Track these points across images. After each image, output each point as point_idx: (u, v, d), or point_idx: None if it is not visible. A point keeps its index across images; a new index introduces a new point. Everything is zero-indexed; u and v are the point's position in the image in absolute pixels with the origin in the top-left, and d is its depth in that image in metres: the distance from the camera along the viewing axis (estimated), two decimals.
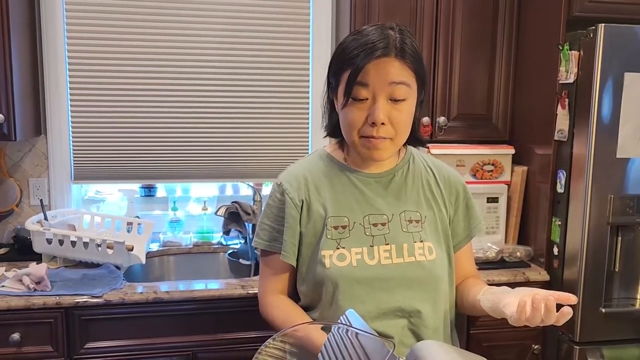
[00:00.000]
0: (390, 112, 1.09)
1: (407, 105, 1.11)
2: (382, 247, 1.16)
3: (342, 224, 1.17)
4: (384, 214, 1.19)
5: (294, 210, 1.19)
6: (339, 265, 1.14)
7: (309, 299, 1.21)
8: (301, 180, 1.21)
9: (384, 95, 1.08)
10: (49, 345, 1.74)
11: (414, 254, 1.16)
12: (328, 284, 1.14)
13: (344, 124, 1.14)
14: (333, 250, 1.15)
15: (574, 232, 1.96)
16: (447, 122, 2.24)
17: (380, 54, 1.07)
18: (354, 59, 1.07)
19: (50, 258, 2.01)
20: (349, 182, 1.21)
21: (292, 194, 1.20)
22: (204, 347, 1.83)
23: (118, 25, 2.22)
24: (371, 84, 1.08)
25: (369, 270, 1.14)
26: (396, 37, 1.09)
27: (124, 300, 1.75)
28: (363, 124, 1.10)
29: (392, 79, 1.07)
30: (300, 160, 1.29)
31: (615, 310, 1.98)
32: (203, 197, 2.50)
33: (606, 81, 1.84)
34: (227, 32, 2.31)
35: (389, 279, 1.15)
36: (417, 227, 1.19)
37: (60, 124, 2.25)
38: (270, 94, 2.38)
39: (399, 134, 1.12)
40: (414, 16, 2.18)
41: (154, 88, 2.29)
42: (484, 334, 2.06)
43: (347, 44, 1.12)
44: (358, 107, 1.10)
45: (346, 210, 1.18)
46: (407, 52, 1.09)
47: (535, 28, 2.17)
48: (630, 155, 1.90)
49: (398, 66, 1.08)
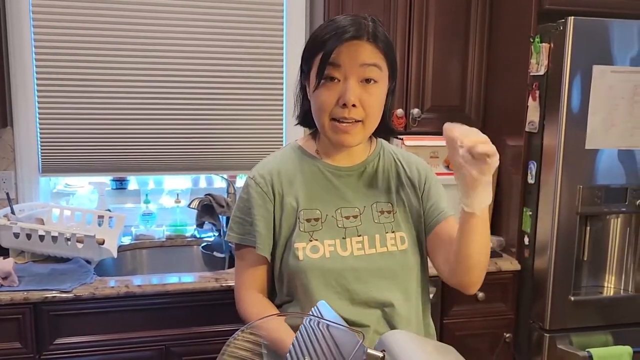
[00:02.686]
0: (361, 94, 1.09)
1: (378, 89, 1.12)
2: (354, 239, 1.17)
3: (314, 217, 1.17)
4: (355, 207, 1.20)
5: (268, 204, 1.19)
6: (312, 257, 1.14)
7: (286, 292, 1.21)
8: (274, 173, 1.21)
9: (355, 77, 1.09)
10: (17, 342, 1.70)
11: (386, 244, 1.18)
12: (302, 276, 1.15)
13: (315, 107, 1.14)
14: (306, 242, 1.15)
15: (544, 222, 2.00)
16: (420, 114, 2.25)
17: (351, 36, 1.08)
18: (326, 42, 1.08)
19: (18, 253, 1.96)
20: (321, 174, 1.21)
21: (265, 188, 1.19)
22: (177, 341, 1.82)
23: (86, 13, 2.17)
24: (343, 64, 1.08)
25: (342, 261, 1.15)
26: (368, 24, 1.11)
27: (94, 294, 1.72)
28: (334, 105, 1.10)
29: (363, 60, 1.08)
30: (272, 154, 1.29)
31: (584, 298, 2.03)
32: (176, 189, 2.47)
33: (576, 73, 1.87)
34: (200, 23, 2.27)
35: (362, 269, 1.15)
36: (389, 217, 1.20)
37: (27, 114, 2.19)
38: (243, 86, 2.35)
39: (369, 117, 1.12)
40: (388, 8, 2.19)
41: (125, 77, 2.24)
42: (456, 323, 2.09)
43: (319, 31, 1.13)
44: (329, 89, 1.10)
45: (318, 202, 1.19)
46: (379, 38, 1.10)
47: (507, 20, 2.19)
48: (599, 146, 1.94)
49: (370, 49, 1.09)
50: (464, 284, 1.16)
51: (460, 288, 1.18)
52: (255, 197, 1.20)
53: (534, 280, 2.06)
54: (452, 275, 1.17)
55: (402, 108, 2.24)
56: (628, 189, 1.98)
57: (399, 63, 2.20)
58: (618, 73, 1.90)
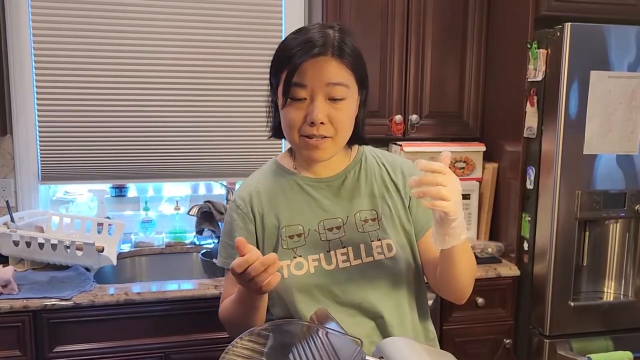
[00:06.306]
0: (329, 111, 1.07)
1: (346, 105, 1.09)
2: (339, 251, 1.15)
3: (297, 233, 1.15)
4: (338, 217, 1.17)
5: (249, 225, 1.18)
6: (297, 274, 1.13)
7: (275, 311, 1.19)
8: (253, 194, 1.20)
9: (321, 95, 1.07)
10: (16, 350, 1.70)
11: (372, 253, 1.15)
12: (288, 293, 1.13)
13: (284, 124, 1.13)
14: (290, 260, 1.14)
15: (543, 228, 2.00)
16: (419, 120, 2.26)
17: (317, 53, 1.05)
18: (291, 58, 1.06)
19: (18, 260, 1.96)
20: (300, 189, 1.19)
21: (245, 209, 1.19)
22: (177, 348, 1.82)
23: (85, 22, 2.18)
24: (309, 84, 1.06)
25: (327, 275, 1.13)
26: (335, 35, 1.08)
27: (94, 302, 1.72)
28: (302, 123, 1.09)
29: (329, 79, 1.06)
30: (253, 174, 1.28)
31: (584, 304, 2.03)
32: (175, 196, 2.47)
33: (573, 79, 1.88)
34: (198, 30, 2.28)
35: (348, 281, 1.13)
36: (374, 225, 1.17)
37: (27, 122, 2.20)
38: (242, 92, 2.36)
39: (339, 133, 1.10)
40: (385, 15, 2.19)
41: (124, 85, 2.25)
42: (456, 329, 2.09)
43: (286, 43, 1.11)
44: (297, 107, 1.08)
45: (300, 218, 1.17)
46: (345, 51, 1.07)
47: (505, 27, 2.20)
48: (597, 151, 1.94)
49: (335, 66, 1.06)
50: (451, 299, 1.18)
51: (449, 299, 1.19)
52: (237, 219, 1.19)
53: (533, 285, 2.06)
54: (439, 290, 1.18)
55: (400, 114, 2.25)
56: (627, 194, 1.98)
57: (397, 69, 2.24)
58: (615, 78, 1.91)
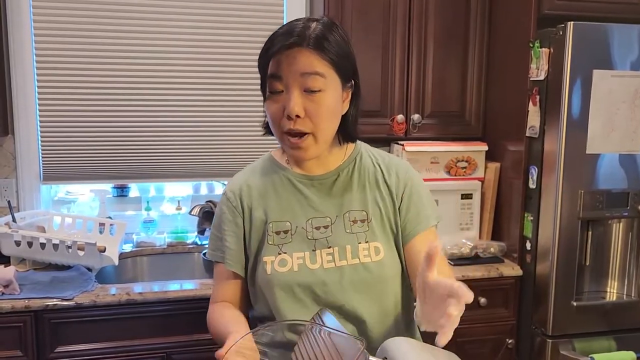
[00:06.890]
0: (306, 104, 1.05)
1: (324, 97, 1.05)
2: (324, 251, 1.12)
3: (284, 229, 1.14)
4: (327, 216, 1.15)
5: (238, 218, 1.17)
6: (280, 270, 1.11)
7: (261, 306, 1.17)
8: (243, 187, 1.19)
9: (297, 87, 1.05)
10: (18, 350, 1.70)
11: (358, 255, 1.12)
12: (270, 290, 1.11)
13: (269, 120, 1.13)
14: (274, 256, 1.12)
15: (545, 227, 2.00)
16: (421, 120, 2.25)
17: (291, 42, 1.04)
18: (269, 50, 1.07)
19: (19, 261, 1.96)
20: (292, 185, 1.18)
21: (234, 202, 1.18)
22: (179, 348, 1.81)
23: (87, 22, 2.17)
24: (283, 75, 1.05)
25: (311, 275, 1.11)
26: (316, 28, 1.05)
27: (95, 302, 1.72)
28: (282, 117, 1.08)
29: (302, 69, 1.04)
30: (245, 168, 1.27)
31: (586, 304, 2.02)
32: (177, 196, 2.47)
33: (576, 78, 1.87)
34: (199, 30, 2.27)
35: (332, 283, 1.10)
36: (363, 227, 1.14)
37: (28, 122, 2.19)
38: (244, 92, 2.36)
39: (318, 128, 1.07)
40: (387, 14, 2.19)
41: (126, 85, 2.24)
42: (458, 329, 2.05)
43: (271, 36, 1.11)
44: (275, 101, 1.08)
45: (288, 214, 1.15)
46: (322, 43, 1.04)
47: (507, 26, 2.19)
48: (600, 151, 1.93)
49: (309, 56, 1.04)
50: None
51: None
52: (226, 212, 1.18)
53: (535, 285, 2.05)
54: None
55: (402, 114, 2.24)
56: (630, 193, 1.97)
57: (398, 69, 2.23)
58: (618, 77, 1.90)
